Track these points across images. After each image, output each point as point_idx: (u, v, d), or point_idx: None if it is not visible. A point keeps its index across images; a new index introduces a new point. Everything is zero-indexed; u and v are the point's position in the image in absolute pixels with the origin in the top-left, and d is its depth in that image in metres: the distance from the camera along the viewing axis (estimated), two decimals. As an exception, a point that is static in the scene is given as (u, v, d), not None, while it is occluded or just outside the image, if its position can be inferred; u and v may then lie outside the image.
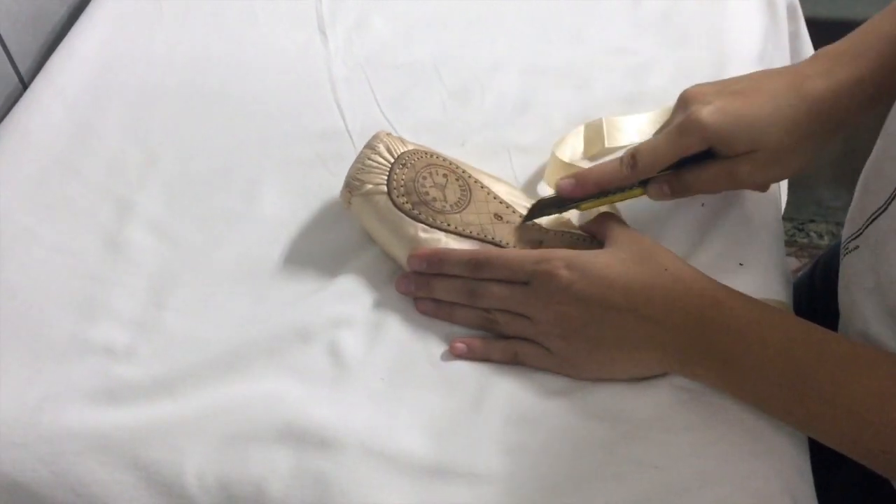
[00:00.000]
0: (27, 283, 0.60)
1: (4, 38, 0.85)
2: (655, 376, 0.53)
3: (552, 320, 0.53)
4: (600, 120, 0.67)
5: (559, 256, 0.54)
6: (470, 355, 0.55)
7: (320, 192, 0.66)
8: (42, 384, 0.55)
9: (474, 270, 0.56)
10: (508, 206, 0.60)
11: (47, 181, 0.67)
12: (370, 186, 0.59)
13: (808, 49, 0.94)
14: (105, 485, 0.51)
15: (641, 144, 0.56)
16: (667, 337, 0.51)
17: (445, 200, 0.59)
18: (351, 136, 0.69)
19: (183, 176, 0.67)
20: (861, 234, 0.55)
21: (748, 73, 0.58)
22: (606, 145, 0.66)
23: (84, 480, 0.51)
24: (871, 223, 0.54)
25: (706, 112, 0.53)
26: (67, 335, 0.57)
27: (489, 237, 0.58)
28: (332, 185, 0.66)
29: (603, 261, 0.54)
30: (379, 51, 0.76)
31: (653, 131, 0.63)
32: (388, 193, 0.59)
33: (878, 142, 0.57)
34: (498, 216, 0.59)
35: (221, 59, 0.76)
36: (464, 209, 0.59)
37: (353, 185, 0.60)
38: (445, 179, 0.60)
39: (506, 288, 0.55)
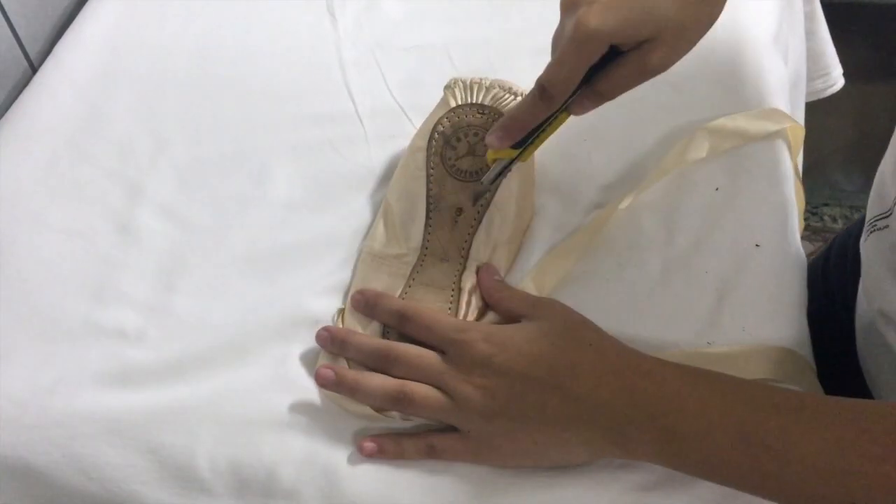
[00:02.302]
0: (38, 266, 0.60)
1: (13, 22, 0.85)
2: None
3: (472, 397, 0.49)
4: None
5: (481, 329, 0.52)
6: (381, 455, 0.51)
7: (331, 175, 0.65)
8: (55, 367, 0.55)
9: (400, 321, 0.54)
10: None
11: (57, 165, 0.67)
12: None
13: (823, 31, 0.93)
14: (117, 467, 0.51)
15: (545, 72, 0.52)
16: (596, 414, 0.48)
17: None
18: (361, 120, 0.69)
19: (193, 160, 0.67)
20: (891, 213, 0.54)
21: None
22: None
23: (96, 463, 0.51)
24: None
25: (595, 14, 0.49)
26: (79, 318, 0.57)
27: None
28: (343, 168, 0.66)
29: (525, 336, 0.51)
30: (389, 33, 0.75)
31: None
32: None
33: None
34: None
35: (231, 42, 0.76)
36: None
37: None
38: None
39: (424, 353, 0.52)
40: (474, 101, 0.61)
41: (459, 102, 0.62)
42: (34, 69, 0.89)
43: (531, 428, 0.49)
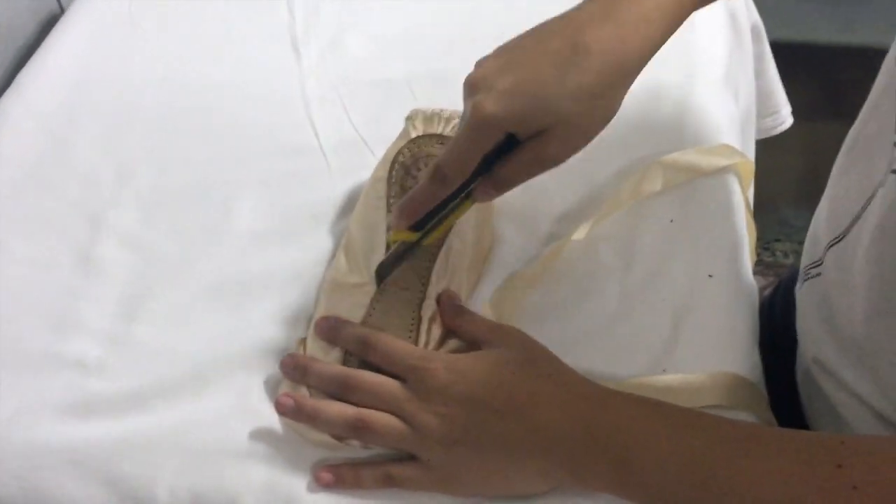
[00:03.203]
0: (-1, 297, 0.60)
1: (-26, 52, 0.85)
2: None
3: (431, 424, 0.50)
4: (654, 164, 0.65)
5: (441, 358, 0.52)
6: (338, 485, 0.51)
7: (295, 207, 0.66)
8: (14, 398, 0.55)
9: (362, 347, 0.54)
10: None
11: (19, 195, 0.67)
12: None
13: (772, 71, 0.97)
14: (77, 500, 0.51)
15: (442, 154, 0.53)
16: (554, 443, 0.49)
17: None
18: (324, 153, 0.70)
19: (157, 191, 0.67)
20: (821, 262, 0.56)
21: (534, 27, 0.54)
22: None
23: (55, 495, 0.51)
24: (828, 251, 0.54)
25: (491, 101, 0.49)
26: (39, 349, 0.57)
27: None
28: (307, 200, 0.66)
29: (484, 365, 0.51)
30: (352, 68, 0.77)
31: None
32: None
33: (833, 171, 0.58)
34: None
35: (196, 75, 0.77)
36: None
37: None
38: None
39: (383, 380, 0.52)
40: (435, 132, 0.63)
41: (420, 133, 0.63)
42: (-6, 100, 0.88)
43: (490, 456, 0.50)
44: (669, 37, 0.53)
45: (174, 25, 0.82)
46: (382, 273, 0.58)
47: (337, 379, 0.53)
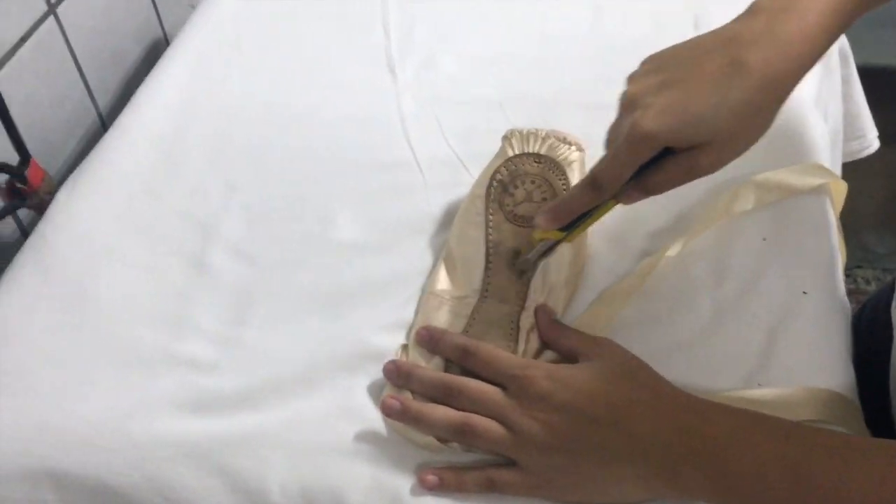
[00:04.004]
0: (117, 301, 0.63)
1: (87, 75, 0.91)
2: None
3: (532, 430, 0.51)
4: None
5: (541, 367, 0.54)
6: (442, 488, 0.52)
7: (392, 219, 0.69)
8: (131, 394, 0.58)
9: (462, 356, 0.56)
10: None
11: (134, 207, 0.71)
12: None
13: (858, 94, 0.96)
14: (193, 490, 0.53)
15: (598, 164, 0.55)
16: (650, 451, 0.50)
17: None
18: (420, 168, 0.72)
19: (261, 204, 0.71)
20: None
21: (685, 42, 0.56)
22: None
23: (172, 485, 0.53)
24: None
25: (650, 118, 0.51)
26: (155, 349, 0.60)
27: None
28: (403, 213, 0.69)
29: (585, 375, 0.53)
30: (446, 87, 0.80)
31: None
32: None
33: None
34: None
35: (296, 94, 0.80)
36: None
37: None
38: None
39: (486, 387, 0.54)
40: (531, 151, 0.65)
41: (517, 152, 0.65)
42: (103, 120, 0.94)
43: (589, 464, 0.51)
44: (825, 52, 0.54)
45: (275, 48, 0.86)
46: (525, 268, 0.60)
47: (440, 384, 0.55)
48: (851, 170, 0.95)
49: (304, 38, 0.87)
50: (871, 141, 0.99)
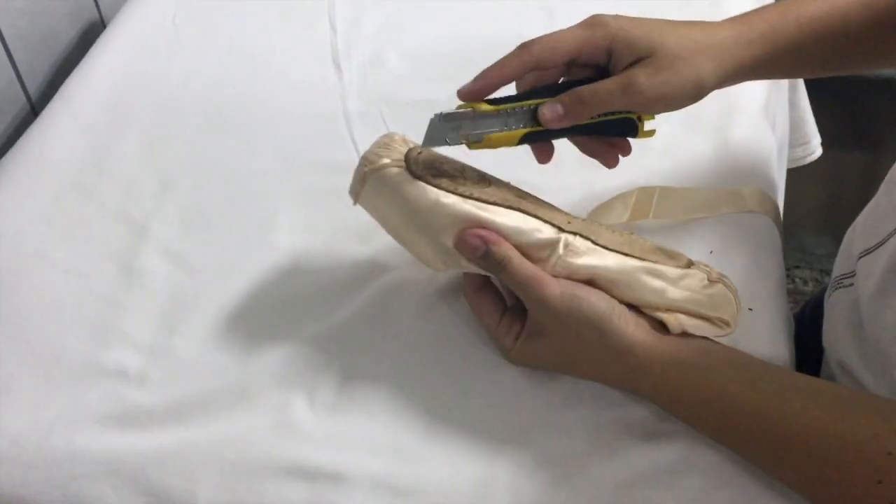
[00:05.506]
0: (40, 304, 0.60)
1: (15, 58, 0.86)
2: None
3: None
4: (654, 188, 0.67)
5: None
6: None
7: (333, 223, 0.66)
8: (55, 406, 0.55)
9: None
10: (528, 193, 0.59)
11: (62, 204, 0.67)
12: (387, 160, 0.56)
13: (804, 101, 0.97)
14: (116, 510, 0.51)
15: (541, 37, 0.56)
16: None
17: (465, 178, 0.57)
18: (365, 171, 0.70)
19: (198, 203, 0.68)
20: (854, 273, 0.57)
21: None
22: (652, 217, 0.66)
23: (96, 504, 0.51)
24: (859, 260, 0.56)
25: (609, 17, 0.56)
26: (80, 358, 0.58)
27: (515, 206, 0.56)
28: (345, 216, 0.66)
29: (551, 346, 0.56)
30: (393, 86, 0.77)
31: (705, 210, 0.65)
32: (407, 166, 0.56)
33: (882, 187, 0.59)
34: (520, 195, 0.58)
35: (237, 88, 0.77)
36: (485, 188, 0.57)
37: (369, 160, 0.57)
38: (463, 166, 0.59)
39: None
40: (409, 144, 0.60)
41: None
42: (32, 105, 0.89)
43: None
44: (766, 66, 0.59)
45: (216, 38, 0.83)
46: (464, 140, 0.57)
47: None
48: (790, 173, 0.96)
49: (247, 28, 0.84)
50: (814, 147, 1.00)
